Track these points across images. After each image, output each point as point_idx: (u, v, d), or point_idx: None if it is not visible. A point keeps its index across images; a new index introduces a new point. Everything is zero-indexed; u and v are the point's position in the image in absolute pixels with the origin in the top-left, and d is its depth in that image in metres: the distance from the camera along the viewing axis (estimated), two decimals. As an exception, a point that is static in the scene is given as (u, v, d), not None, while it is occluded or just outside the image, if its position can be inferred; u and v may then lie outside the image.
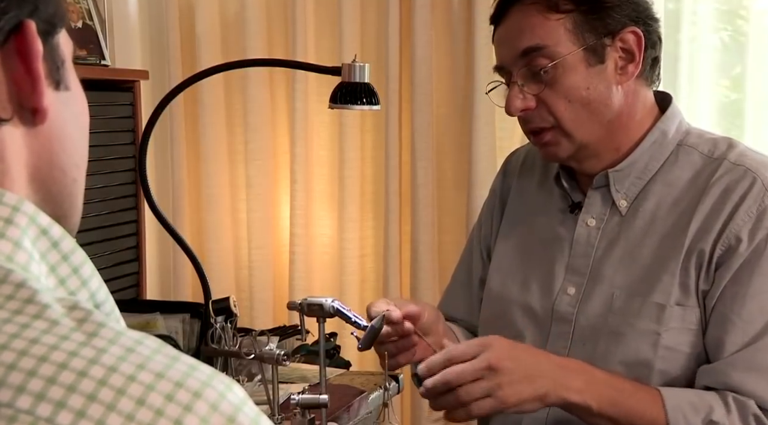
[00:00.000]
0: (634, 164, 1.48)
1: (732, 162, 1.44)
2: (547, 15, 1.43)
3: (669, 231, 1.44)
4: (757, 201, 1.39)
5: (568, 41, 1.43)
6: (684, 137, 1.50)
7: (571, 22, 1.43)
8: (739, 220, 1.39)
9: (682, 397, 1.37)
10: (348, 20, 2.78)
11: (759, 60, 2.49)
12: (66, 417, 0.52)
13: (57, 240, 0.64)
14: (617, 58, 1.45)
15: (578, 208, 1.53)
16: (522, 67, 1.45)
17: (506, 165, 1.72)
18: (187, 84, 2.15)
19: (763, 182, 1.41)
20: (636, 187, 1.49)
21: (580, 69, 1.44)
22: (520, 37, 1.46)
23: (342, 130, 2.84)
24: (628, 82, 1.46)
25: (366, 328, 1.53)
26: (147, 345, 0.57)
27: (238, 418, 0.55)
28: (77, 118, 0.70)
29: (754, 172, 1.42)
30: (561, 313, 1.50)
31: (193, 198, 3.00)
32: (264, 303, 2.96)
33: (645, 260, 1.45)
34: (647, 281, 1.43)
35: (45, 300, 0.57)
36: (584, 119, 1.46)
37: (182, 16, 2.94)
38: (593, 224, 1.51)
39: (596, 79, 1.44)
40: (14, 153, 0.65)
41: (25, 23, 0.64)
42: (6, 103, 0.63)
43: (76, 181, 0.70)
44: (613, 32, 1.44)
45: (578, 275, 1.50)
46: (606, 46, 1.44)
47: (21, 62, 0.64)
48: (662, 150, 1.49)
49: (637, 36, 1.44)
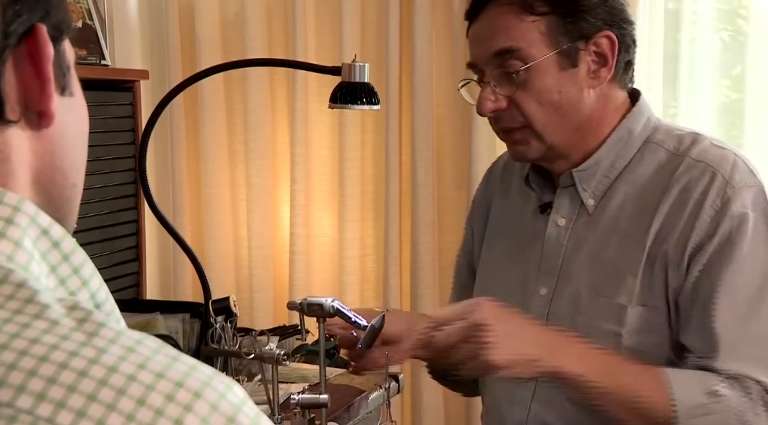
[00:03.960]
0: (599, 162, 1.48)
1: (693, 159, 1.43)
2: (521, 16, 1.43)
3: (632, 231, 1.43)
4: (720, 194, 1.38)
5: (541, 44, 1.42)
6: (651, 134, 1.49)
7: (546, 25, 1.42)
8: (705, 215, 1.38)
9: (684, 372, 1.36)
10: (348, 20, 2.78)
11: (759, 60, 2.49)
12: (66, 416, 0.52)
13: (58, 240, 0.64)
14: (590, 62, 1.44)
15: (550, 207, 1.53)
16: (495, 68, 1.45)
17: (488, 175, 1.72)
18: (187, 84, 2.15)
19: (723, 176, 1.40)
20: (603, 185, 1.48)
21: (553, 72, 1.43)
22: (493, 38, 1.45)
23: (342, 130, 2.84)
24: (600, 86, 1.45)
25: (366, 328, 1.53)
26: (147, 345, 0.57)
27: (238, 418, 0.55)
28: (79, 124, 0.71)
29: (714, 167, 1.41)
30: (534, 314, 1.49)
31: (193, 198, 3.00)
32: (264, 303, 2.96)
33: (610, 260, 1.44)
34: (611, 282, 1.42)
35: (45, 300, 0.57)
36: (555, 122, 1.45)
37: (182, 16, 2.94)
38: (563, 224, 1.50)
39: (568, 82, 1.44)
40: (20, 155, 0.65)
41: (37, 27, 0.64)
42: (15, 105, 0.64)
43: (76, 186, 0.71)
44: (587, 36, 1.43)
45: (549, 276, 1.50)
46: (579, 50, 1.43)
47: (31, 65, 0.64)
48: (628, 148, 1.48)
49: (611, 40, 1.43)
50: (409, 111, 2.77)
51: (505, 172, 1.66)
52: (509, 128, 1.47)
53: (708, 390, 1.32)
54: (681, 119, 2.54)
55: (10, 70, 0.63)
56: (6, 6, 0.62)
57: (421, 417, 2.77)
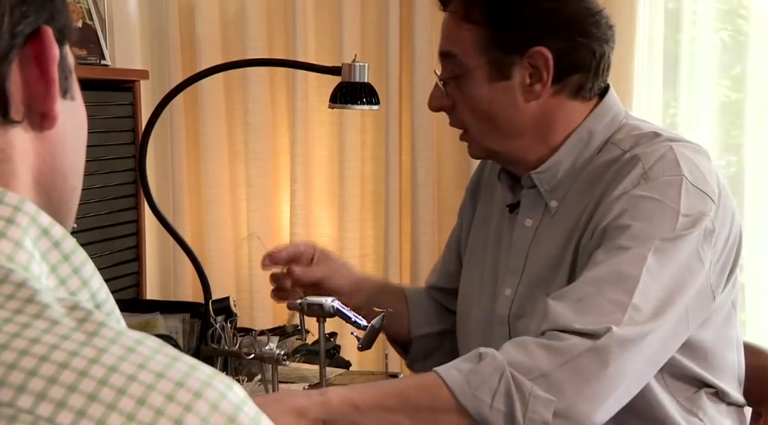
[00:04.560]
0: (558, 164, 1.45)
1: (631, 154, 1.39)
2: (460, 23, 1.42)
3: (572, 228, 1.42)
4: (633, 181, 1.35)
5: (474, 53, 1.41)
6: (613, 133, 1.45)
7: (479, 34, 1.41)
8: (612, 197, 1.35)
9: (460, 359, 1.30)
10: (348, 20, 2.78)
11: (759, 60, 2.49)
12: (66, 416, 0.52)
13: (58, 240, 0.64)
14: (526, 76, 1.41)
15: (518, 206, 1.52)
16: (443, 68, 1.47)
17: (482, 165, 1.70)
18: (187, 84, 2.15)
19: (644, 166, 1.36)
20: (565, 186, 1.45)
21: (484, 82, 1.42)
22: (442, 39, 1.47)
23: (342, 130, 2.84)
24: (540, 99, 1.42)
25: (366, 328, 1.53)
26: (147, 345, 0.57)
27: (238, 418, 0.55)
28: (79, 128, 0.71)
29: (640, 159, 1.37)
30: (499, 315, 1.49)
31: (193, 198, 3.00)
32: (264, 303, 2.96)
33: (559, 258, 1.42)
34: (555, 281, 1.41)
35: (45, 300, 0.57)
36: (488, 131, 1.45)
37: (182, 16, 2.95)
38: (529, 225, 1.49)
39: (500, 94, 1.42)
40: (22, 156, 0.65)
41: (43, 29, 0.65)
42: (19, 106, 0.64)
43: (75, 189, 0.71)
44: (521, 50, 1.40)
45: (513, 276, 1.49)
46: (513, 64, 1.41)
47: (37, 66, 0.65)
48: (588, 148, 1.45)
49: (545, 57, 1.39)
50: (409, 111, 2.77)
51: (493, 168, 1.64)
52: (455, 127, 1.50)
53: (471, 356, 1.27)
54: (681, 119, 2.55)
55: (15, 71, 0.64)
56: (13, 7, 0.63)
57: (421, 417, 2.77)
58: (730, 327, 1.46)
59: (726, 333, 1.46)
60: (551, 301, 1.30)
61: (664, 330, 1.29)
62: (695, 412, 1.43)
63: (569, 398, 1.23)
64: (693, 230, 1.33)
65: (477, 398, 1.22)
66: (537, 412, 1.22)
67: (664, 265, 1.30)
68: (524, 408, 1.22)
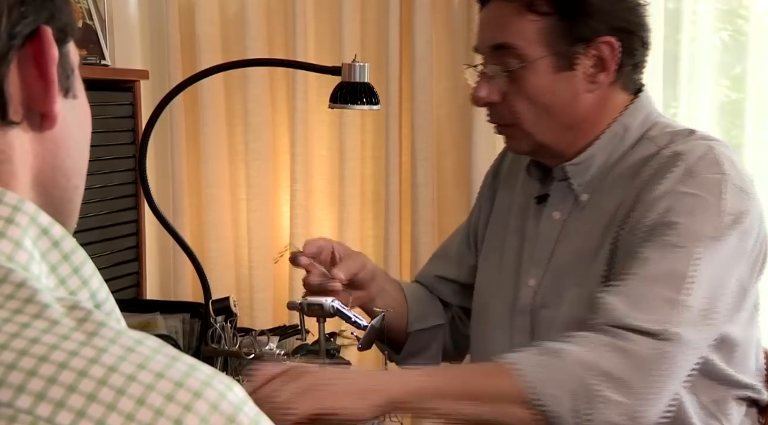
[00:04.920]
0: (592, 157, 1.46)
1: (670, 150, 1.41)
2: (522, 14, 1.41)
3: (608, 220, 1.43)
4: (677, 178, 1.36)
5: (539, 44, 1.40)
6: (647, 130, 1.47)
7: (545, 25, 1.40)
8: (656, 194, 1.36)
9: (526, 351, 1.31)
10: (348, 20, 2.78)
11: (759, 60, 2.49)
12: (66, 416, 0.52)
13: (58, 240, 0.64)
14: (588, 66, 1.42)
15: (546, 199, 1.52)
16: (492, 61, 1.44)
17: (502, 155, 1.71)
18: (187, 84, 2.15)
19: (686, 164, 1.37)
20: (597, 180, 1.47)
21: (547, 73, 1.41)
22: (494, 31, 1.44)
23: (342, 130, 2.84)
24: (598, 90, 1.44)
25: (366, 328, 1.53)
26: (147, 345, 0.57)
27: (238, 418, 0.55)
28: (82, 126, 0.71)
29: (681, 155, 1.38)
30: (522, 305, 1.50)
31: (193, 198, 3.00)
32: (264, 303, 2.96)
33: (590, 251, 1.44)
34: (589, 272, 1.42)
35: (45, 300, 0.57)
36: (544, 122, 1.44)
37: (182, 16, 2.94)
38: (557, 218, 1.50)
39: (563, 84, 1.42)
40: (21, 156, 0.65)
41: (42, 29, 0.64)
42: (18, 106, 0.64)
43: (78, 188, 0.71)
44: (587, 40, 1.41)
45: (538, 267, 1.50)
46: (578, 54, 1.41)
47: (36, 67, 0.64)
48: (622, 143, 1.46)
49: (612, 47, 1.41)
50: (409, 111, 2.77)
51: (515, 158, 1.65)
52: (501, 124, 1.48)
53: (543, 350, 1.28)
54: (681, 118, 2.54)
55: (14, 72, 0.64)
56: (12, 8, 0.63)
57: (422, 417, 2.77)
58: (753, 328, 1.48)
59: (750, 332, 1.47)
60: (606, 296, 1.31)
61: (712, 327, 1.32)
62: (717, 416, 1.44)
63: (634, 399, 1.25)
64: (735, 228, 1.35)
65: (544, 393, 1.24)
66: (603, 412, 1.24)
67: (711, 263, 1.32)
68: (590, 407, 1.24)
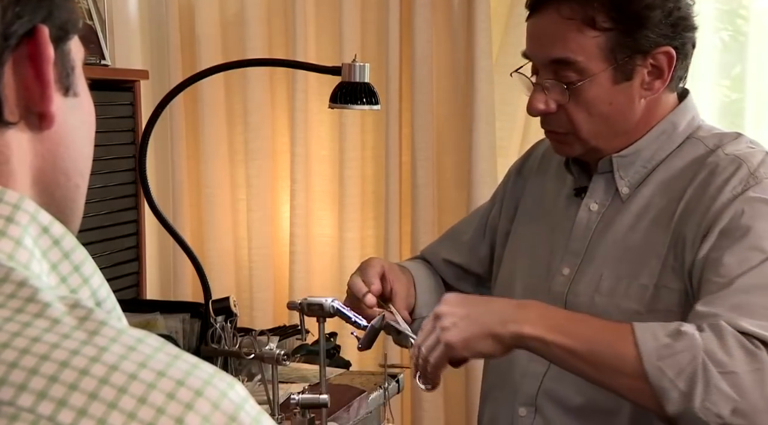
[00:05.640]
0: (639, 152, 1.49)
1: (725, 152, 1.44)
2: (583, 30, 1.41)
3: (660, 216, 1.45)
4: (742, 182, 1.39)
5: (599, 59, 1.42)
6: (695, 130, 1.50)
7: (606, 40, 1.41)
8: (724, 198, 1.38)
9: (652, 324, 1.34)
10: (348, 20, 2.78)
11: (759, 60, 2.49)
12: (67, 415, 0.52)
13: (58, 238, 0.64)
14: (645, 74, 1.44)
15: (584, 192, 1.54)
16: (550, 74, 1.45)
17: (529, 154, 1.74)
18: (187, 84, 2.15)
19: (749, 167, 1.40)
20: (640, 175, 1.49)
21: (607, 86, 1.43)
22: (552, 45, 1.45)
23: (342, 130, 2.84)
24: (652, 95, 1.46)
25: (366, 328, 1.53)
26: (148, 344, 0.57)
27: (239, 417, 0.55)
28: (84, 124, 0.70)
29: (741, 159, 1.42)
30: (554, 292, 1.51)
31: (193, 198, 3.00)
32: (264, 303, 2.96)
33: (636, 244, 1.46)
34: (634, 264, 1.44)
35: (46, 299, 0.57)
36: (602, 130, 1.47)
37: (182, 16, 2.94)
38: (595, 209, 1.52)
39: (621, 94, 1.44)
40: (20, 156, 0.65)
41: (38, 28, 0.64)
42: (14, 107, 0.64)
43: (79, 187, 0.71)
44: (645, 52, 1.43)
45: (574, 257, 1.52)
46: (636, 65, 1.43)
47: (31, 67, 0.64)
48: (670, 141, 1.49)
49: (669, 56, 1.43)
50: (409, 111, 2.77)
51: (546, 154, 1.67)
52: (555, 131, 1.49)
53: (671, 330, 1.30)
54: (681, 119, 2.55)
55: (9, 72, 0.63)
56: (6, 8, 0.62)
57: (421, 417, 2.77)
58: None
59: None
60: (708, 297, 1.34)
61: None
62: None
63: (751, 401, 1.26)
64: None
65: (662, 370, 1.27)
66: (716, 404, 1.26)
67: None
68: (704, 395, 1.26)
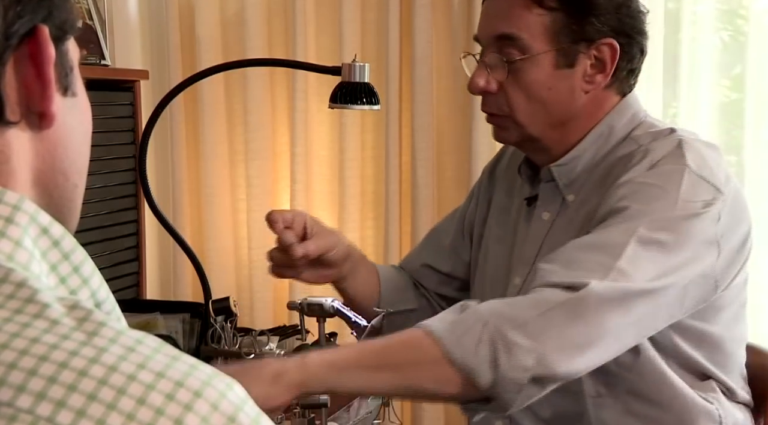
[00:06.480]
0: (577, 158, 1.48)
1: (645, 147, 1.43)
2: (530, 6, 1.42)
3: (584, 220, 1.44)
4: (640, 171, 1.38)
5: (543, 39, 1.42)
6: (632, 130, 1.48)
7: (552, 20, 1.42)
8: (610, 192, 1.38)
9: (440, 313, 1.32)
10: (348, 20, 2.78)
11: (759, 60, 2.49)
12: (66, 416, 0.52)
13: (58, 239, 0.64)
14: (588, 66, 1.44)
15: (536, 200, 1.54)
16: (493, 51, 1.45)
17: (504, 150, 1.73)
18: (187, 84, 2.15)
19: (653, 158, 1.39)
20: (582, 180, 1.48)
21: (547, 68, 1.43)
22: (498, 20, 1.45)
23: (342, 130, 2.84)
24: (594, 91, 1.45)
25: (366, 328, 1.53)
26: (147, 345, 0.57)
27: (238, 418, 0.55)
28: (81, 124, 0.71)
29: (651, 151, 1.40)
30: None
31: (193, 198, 3.00)
32: (264, 303, 2.96)
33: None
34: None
35: (45, 299, 0.57)
36: (539, 116, 1.46)
37: (182, 16, 2.94)
38: (546, 218, 1.52)
39: (561, 81, 1.44)
40: (20, 156, 0.65)
41: (39, 28, 0.64)
42: (15, 107, 0.64)
43: (77, 187, 0.71)
44: (590, 40, 1.43)
45: (525, 266, 1.51)
46: (579, 53, 1.43)
47: (32, 66, 0.64)
48: (607, 143, 1.48)
49: (613, 49, 1.43)
50: (409, 111, 2.77)
51: (515, 153, 1.66)
52: (493, 113, 1.49)
53: (455, 308, 1.29)
54: (681, 118, 2.55)
55: (10, 72, 0.63)
56: (7, 7, 0.62)
57: (421, 417, 2.77)
58: (738, 326, 1.48)
59: (735, 331, 1.47)
60: (541, 264, 1.34)
61: (655, 298, 1.31)
62: (708, 399, 1.44)
63: (546, 346, 1.24)
64: (697, 216, 1.35)
65: (462, 345, 1.24)
66: (519, 358, 1.23)
67: (660, 241, 1.32)
68: (507, 356, 1.23)
